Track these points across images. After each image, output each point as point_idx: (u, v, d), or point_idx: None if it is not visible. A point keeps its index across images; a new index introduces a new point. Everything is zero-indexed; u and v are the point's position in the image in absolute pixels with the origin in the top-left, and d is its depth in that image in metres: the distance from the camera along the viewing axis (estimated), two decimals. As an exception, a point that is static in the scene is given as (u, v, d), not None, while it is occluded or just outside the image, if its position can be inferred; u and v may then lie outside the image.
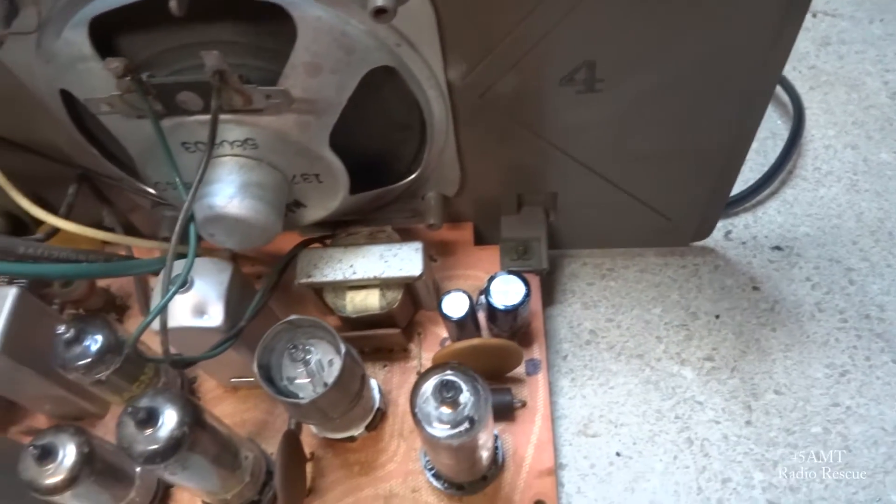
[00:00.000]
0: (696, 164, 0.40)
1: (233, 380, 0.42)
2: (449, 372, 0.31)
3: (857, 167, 0.51)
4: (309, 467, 0.40)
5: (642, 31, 0.31)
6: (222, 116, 0.31)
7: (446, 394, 0.29)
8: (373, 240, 0.41)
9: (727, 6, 0.30)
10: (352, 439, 0.40)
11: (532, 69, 0.33)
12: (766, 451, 0.40)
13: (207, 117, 0.31)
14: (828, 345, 0.44)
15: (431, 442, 0.31)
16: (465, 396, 0.30)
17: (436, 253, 0.46)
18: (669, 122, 0.37)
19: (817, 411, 0.41)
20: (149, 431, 0.30)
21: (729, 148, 0.39)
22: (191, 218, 0.31)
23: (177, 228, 0.31)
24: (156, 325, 0.33)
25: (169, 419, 0.31)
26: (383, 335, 0.41)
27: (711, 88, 0.35)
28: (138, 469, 0.38)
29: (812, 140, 0.53)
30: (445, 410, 0.30)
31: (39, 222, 0.41)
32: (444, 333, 0.44)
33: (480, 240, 0.47)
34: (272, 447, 0.40)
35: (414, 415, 0.31)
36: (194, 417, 0.31)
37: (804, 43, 0.59)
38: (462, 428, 0.30)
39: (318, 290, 0.40)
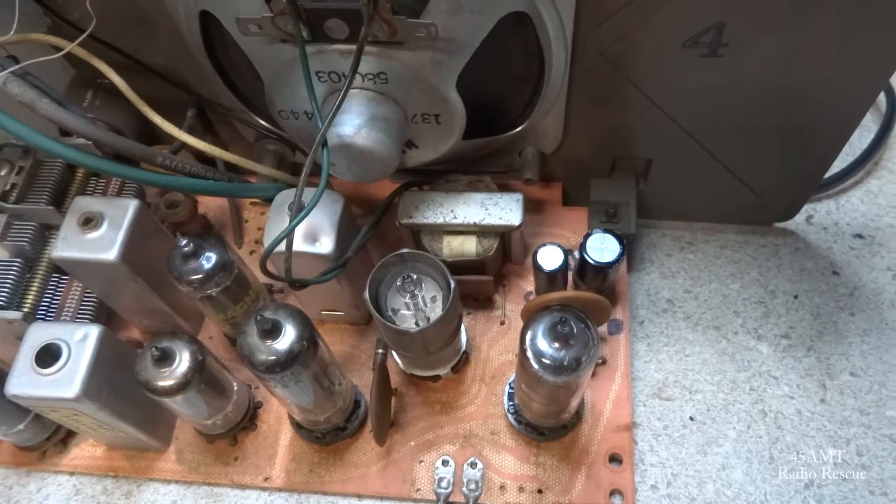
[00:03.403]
0: (798, 144, 0.40)
1: (323, 312, 0.43)
2: (558, 312, 0.32)
3: (944, 164, 0.51)
4: (392, 402, 0.41)
5: (781, -4, 0.32)
6: (362, 48, 0.32)
7: (561, 329, 0.30)
8: (472, 188, 0.42)
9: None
10: (436, 378, 0.41)
11: (660, 27, 0.34)
12: (839, 428, 0.41)
13: (348, 47, 0.32)
14: (907, 334, 0.44)
15: (536, 378, 0.32)
16: (578, 336, 0.31)
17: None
18: (783, 95, 0.37)
19: (893, 395, 0.42)
20: (269, 342, 0.32)
21: (835, 131, 0.39)
22: (324, 144, 0.32)
23: (310, 154, 0.32)
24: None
25: (289, 333, 0.32)
26: (476, 281, 0.42)
27: (832, 66, 0.35)
28: (235, 385, 0.39)
29: (900, 134, 0.53)
30: (556, 346, 0.31)
31: (151, 143, 0.43)
32: (528, 287, 0.45)
33: (567, 201, 0.48)
34: (356, 381, 0.42)
35: (523, 350, 0.32)
36: (311, 335, 0.33)
37: None
38: (568, 364, 0.31)
39: (416, 232, 0.42)
